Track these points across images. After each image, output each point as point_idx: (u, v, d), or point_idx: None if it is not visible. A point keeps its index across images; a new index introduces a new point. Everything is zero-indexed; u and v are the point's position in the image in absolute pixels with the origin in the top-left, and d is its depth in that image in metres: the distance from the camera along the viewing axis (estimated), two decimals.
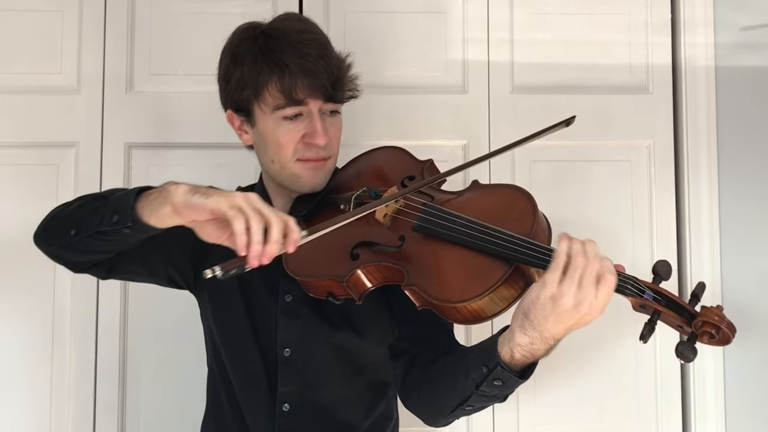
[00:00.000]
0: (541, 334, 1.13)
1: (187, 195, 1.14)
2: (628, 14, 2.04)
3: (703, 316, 1.13)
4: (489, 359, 1.19)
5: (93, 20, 1.99)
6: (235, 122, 1.47)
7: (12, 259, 1.93)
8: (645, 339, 1.14)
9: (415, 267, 1.27)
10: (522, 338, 1.15)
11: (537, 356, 1.17)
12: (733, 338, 1.13)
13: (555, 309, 1.11)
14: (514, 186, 1.36)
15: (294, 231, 1.12)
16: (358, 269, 1.30)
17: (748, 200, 1.99)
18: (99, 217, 1.26)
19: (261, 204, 1.12)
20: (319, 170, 1.43)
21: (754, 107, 2.02)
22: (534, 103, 1.99)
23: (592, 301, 1.11)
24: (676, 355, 1.13)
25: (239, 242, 1.08)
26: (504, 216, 1.25)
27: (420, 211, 1.32)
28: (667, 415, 1.96)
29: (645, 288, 1.16)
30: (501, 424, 1.95)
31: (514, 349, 1.16)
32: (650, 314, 1.16)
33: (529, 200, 1.28)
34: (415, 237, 1.31)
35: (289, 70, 1.36)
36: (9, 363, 1.92)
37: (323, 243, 1.41)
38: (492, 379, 1.19)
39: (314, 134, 1.39)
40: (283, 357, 1.44)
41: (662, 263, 1.19)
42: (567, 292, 1.10)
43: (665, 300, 1.15)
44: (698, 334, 1.13)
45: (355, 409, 1.48)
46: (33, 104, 1.96)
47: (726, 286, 1.97)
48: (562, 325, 1.12)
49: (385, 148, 1.56)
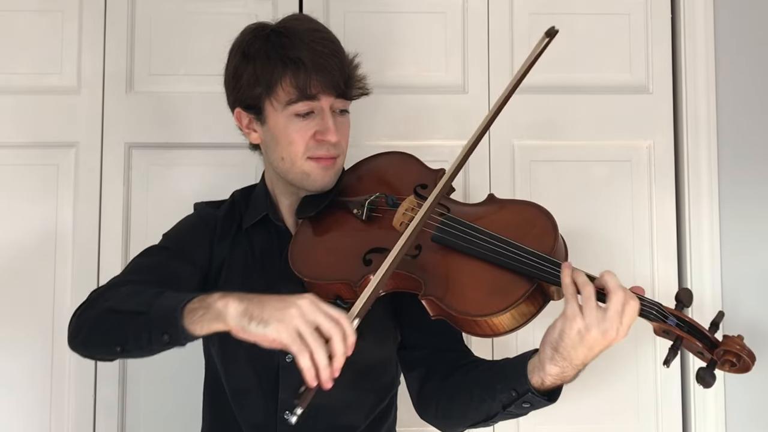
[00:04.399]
0: (572, 362, 1.19)
1: (242, 319, 1.13)
2: (628, 14, 2.04)
3: (726, 346, 1.18)
4: (519, 385, 1.24)
5: (93, 20, 1.99)
6: (243, 121, 1.47)
7: (12, 259, 1.93)
8: (668, 364, 1.19)
9: (433, 277, 1.27)
10: (553, 369, 1.20)
11: (567, 380, 1.22)
12: (753, 366, 1.18)
13: (583, 340, 1.16)
14: (533, 203, 1.37)
15: (351, 335, 1.13)
16: (370, 274, 1.28)
17: (748, 200, 1.99)
18: (146, 336, 1.22)
19: (317, 313, 1.11)
20: (329, 169, 1.44)
21: (754, 107, 2.01)
22: (534, 103, 1.99)
23: (618, 328, 1.15)
24: (697, 381, 1.18)
25: (308, 376, 1.10)
26: (524, 232, 1.27)
27: (438, 222, 1.32)
28: (667, 415, 1.95)
29: (669, 314, 1.19)
30: (501, 423, 1.94)
31: (545, 378, 1.21)
32: (673, 339, 1.19)
33: (548, 219, 1.30)
34: (433, 247, 1.31)
35: (304, 66, 1.37)
36: (9, 363, 1.92)
37: (332, 245, 1.41)
38: (521, 402, 1.24)
39: (326, 131, 1.40)
40: (284, 363, 1.43)
41: (684, 291, 1.23)
42: (591, 323, 1.15)
43: (687, 327, 1.19)
44: (719, 362, 1.18)
45: (356, 412, 1.48)
46: (33, 104, 1.96)
47: (726, 286, 1.96)
48: (593, 353, 1.18)
49: (394, 153, 1.56)
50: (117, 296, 1.31)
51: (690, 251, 1.97)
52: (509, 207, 1.39)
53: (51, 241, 1.94)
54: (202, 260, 1.48)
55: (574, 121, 2.00)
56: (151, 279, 1.37)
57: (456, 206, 1.40)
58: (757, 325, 1.95)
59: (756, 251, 1.98)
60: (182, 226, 1.55)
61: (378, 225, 1.38)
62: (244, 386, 1.46)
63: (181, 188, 1.96)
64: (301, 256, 1.39)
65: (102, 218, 1.94)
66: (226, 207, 1.56)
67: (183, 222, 1.56)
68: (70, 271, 1.93)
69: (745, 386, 1.95)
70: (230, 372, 1.47)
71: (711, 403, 1.94)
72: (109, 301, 1.30)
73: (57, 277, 1.93)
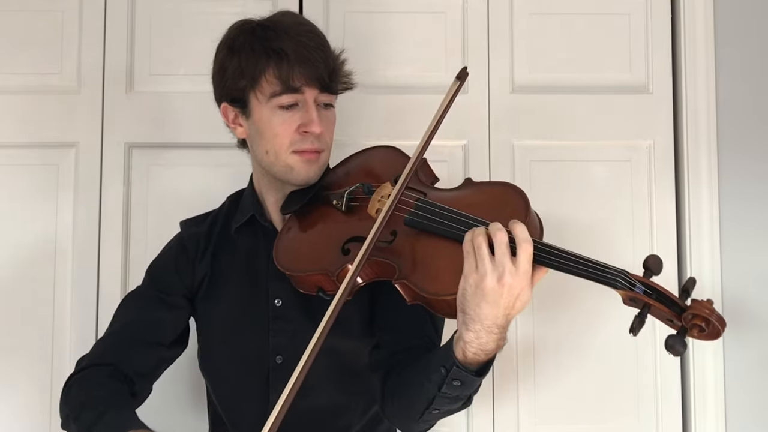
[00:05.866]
0: (482, 324, 1.13)
1: None
2: (628, 14, 2.04)
3: (693, 309, 1.13)
4: (446, 360, 1.19)
5: (93, 20, 1.99)
6: (229, 115, 1.48)
7: (12, 258, 1.93)
8: (635, 332, 1.14)
9: (407, 261, 1.27)
10: (467, 334, 1.15)
11: (488, 350, 1.16)
12: (723, 332, 1.12)
13: (483, 293, 1.11)
14: (507, 183, 1.37)
15: None
16: (348, 264, 1.29)
17: (748, 200, 1.99)
18: None
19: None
20: (313, 163, 1.43)
21: (754, 107, 2.01)
22: (534, 103, 1.99)
23: (512, 271, 1.11)
24: (666, 348, 1.12)
25: None
26: (496, 212, 1.25)
27: (412, 206, 1.32)
28: (667, 414, 1.95)
29: (636, 282, 1.16)
30: (501, 424, 1.94)
31: (464, 347, 1.16)
32: (640, 307, 1.16)
33: (521, 197, 1.28)
34: (407, 231, 1.31)
35: (288, 58, 1.37)
36: (9, 363, 1.92)
37: (314, 238, 1.41)
38: (451, 379, 1.19)
39: (310, 123, 1.40)
40: (275, 364, 1.43)
41: (653, 258, 1.19)
42: (484, 270, 1.11)
43: (656, 293, 1.15)
44: (688, 328, 1.13)
45: (349, 414, 1.47)
46: (33, 104, 1.96)
47: (726, 285, 1.96)
48: (498, 308, 1.12)
49: (378, 147, 1.56)
50: (81, 399, 1.42)
51: (690, 251, 1.97)
52: (484, 189, 1.39)
53: (51, 241, 1.94)
54: (183, 292, 1.53)
55: (574, 121, 2.00)
56: (132, 336, 1.49)
57: (433, 192, 1.40)
58: (756, 323, 1.95)
59: (756, 251, 1.98)
60: (162, 261, 1.59)
61: (357, 215, 1.39)
62: (238, 388, 1.47)
63: (181, 188, 1.96)
64: (285, 251, 1.40)
65: (102, 218, 1.94)
66: (212, 218, 1.59)
67: (164, 254, 1.60)
68: (70, 270, 1.93)
69: (746, 386, 1.95)
70: (220, 392, 1.51)
71: (711, 402, 1.94)
72: (74, 403, 1.43)
73: (57, 277, 1.93)
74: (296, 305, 1.43)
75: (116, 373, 1.45)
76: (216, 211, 1.61)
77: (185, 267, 1.54)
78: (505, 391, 1.93)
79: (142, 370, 1.49)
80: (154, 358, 1.51)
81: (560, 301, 1.93)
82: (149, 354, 1.50)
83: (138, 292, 1.57)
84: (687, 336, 1.13)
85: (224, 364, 1.49)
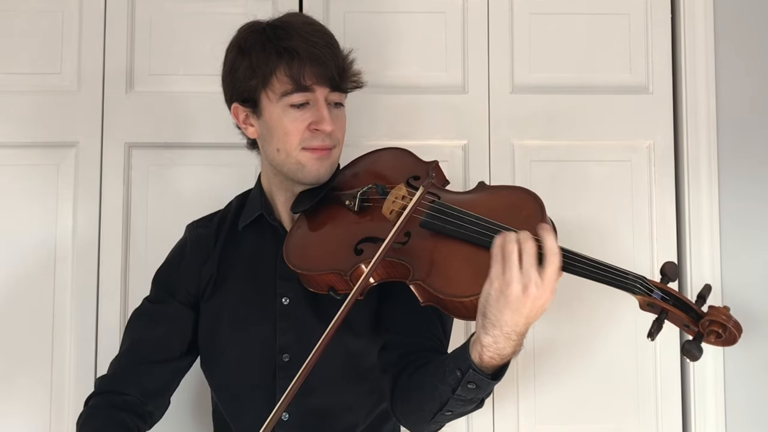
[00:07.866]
0: (502, 330, 1.14)
1: None
2: (628, 14, 2.04)
3: (711, 316, 1.15)
4: (461, 363, 1.19)
5: (93, 20, 1.99)
6: (240, 116, 1.48)
7: (12, 258, 1.93)
8: (653, 337, 1.16)
9: (421, 262, 1.28)
10: (486, 338, 1.15)
11: (505, 355, 1.17)
12: (739, 338, 1.15)
13: (507, 300, 1.12)
14: (522, 188, 1.37)
15: None
16: (361, 264, 1.30)
17: (748, 200, 1.99)
18: None
19: None
20: (324, 160, 1.44)
21: (754, 107, 2.01)
22: (534, 103, 1.99)
23: (538, 283, 1.12)
24: (682, 353, 1.15)
25: None
26: (511, 215, 1.26)
27: (427, 207, 1.33)
28: (667, 415, 1.95)
29: (653, 287, 1.18)
30: (501, 424, 1.95)
31: (481, 351, 1.16)
32: (657, 313, 1.18)
33: (536, 201, 1.29)
34: (422, 233, 1.31)
35: (299, 56, 1.38)
36: (9, 363, 1.92)
37: (326, 238, 1.42)
38: (466, 382, 1.19)
39: (321, 121, 1.40)
40: (282, 363, 1.43)
41: (670, 264, 1.21)
42: (510, 278, 1.12)
43: (673, 299, 1.17)
44: (705, 334, 1.15)
45: (356, 413, 1.47)
46: (33, 104, 1.96)
47: (726, 286, 1.96)
48: (519, 316, 1.13)
49: (389, 148, 1.56)
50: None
51: (690, 251, 1.97)
52: (498, 192, 1.40)
53: (51, 241, 1.94)
54: (189, 299, 1.54)
55: (574, 121, 2.00)
56: (141, 357, 1.51)
57: (447, 194, 1.41)
58: (757, 325, 1.95)
59: (756, 251, 1.98)
60: (166, 269, 1.60)
61: (370, 215, 1.39)
62: (243, 387, 1.47)
63: (181, 188, 1.96)
64: (296, 250, 1.41)
65: (102, 218, 1.94)
66: (219, 217, 1.59)
67: (168, 261, 1.60)
68: (70, 270, 1.93)
69: (745, 386, 1.95)
70: (224, 392, 1.51)
71: (711, 403, 1.94)
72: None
73: (57, 277, 1.93)
74: (304, 304, 1.44)
75: (123, 403, 1.47)
76: (223, 210, 1.61)
77: (190, 272, 1.54)
78: (505, 392, 1.93)
79: (154, 390, 1.50)
80: (167, 374, 1.52)
81: (560, 303, 1.92)
82: (160, 372, 1.51)
83: (146, 307, 1.58)
84: (703, 342, 1.15)
85: (230, 362, 1.49)
